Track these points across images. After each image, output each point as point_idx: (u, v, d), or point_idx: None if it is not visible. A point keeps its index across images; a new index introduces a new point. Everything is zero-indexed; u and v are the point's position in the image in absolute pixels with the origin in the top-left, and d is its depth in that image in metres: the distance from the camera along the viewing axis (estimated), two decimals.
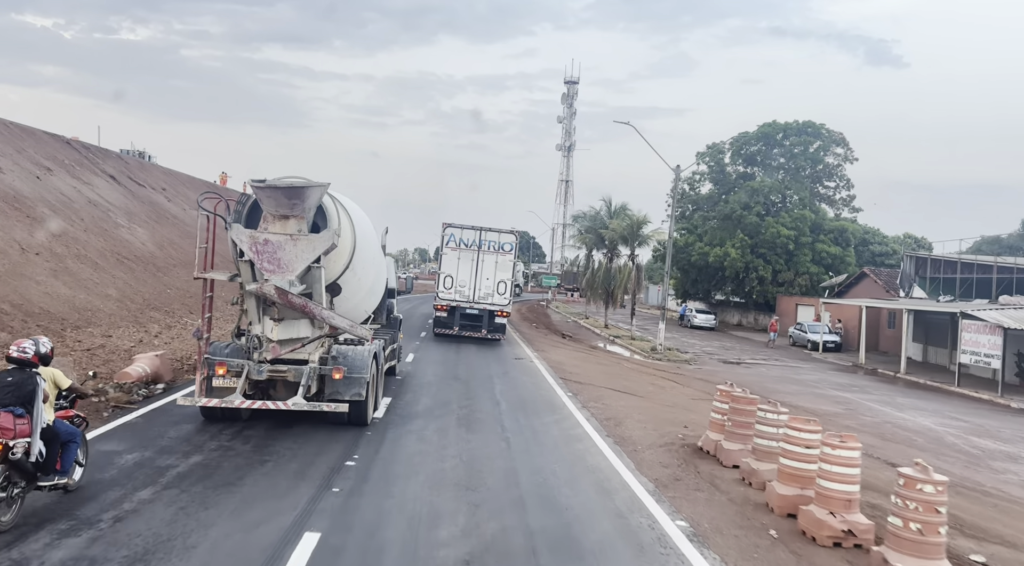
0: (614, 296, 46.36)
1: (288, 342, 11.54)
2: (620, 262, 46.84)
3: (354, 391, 11.71)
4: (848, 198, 60.28)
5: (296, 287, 11.01)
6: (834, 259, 54.24)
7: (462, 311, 28.56)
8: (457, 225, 28.44)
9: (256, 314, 11.38)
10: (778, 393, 24.03)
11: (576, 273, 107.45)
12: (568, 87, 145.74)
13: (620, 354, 34.32)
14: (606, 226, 46.88)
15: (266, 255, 10.86)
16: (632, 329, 40.25)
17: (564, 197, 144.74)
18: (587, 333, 44.64)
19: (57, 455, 7.62)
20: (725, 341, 46.38)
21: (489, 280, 28.08)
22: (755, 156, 59.15)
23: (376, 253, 14.90)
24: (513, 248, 28.28)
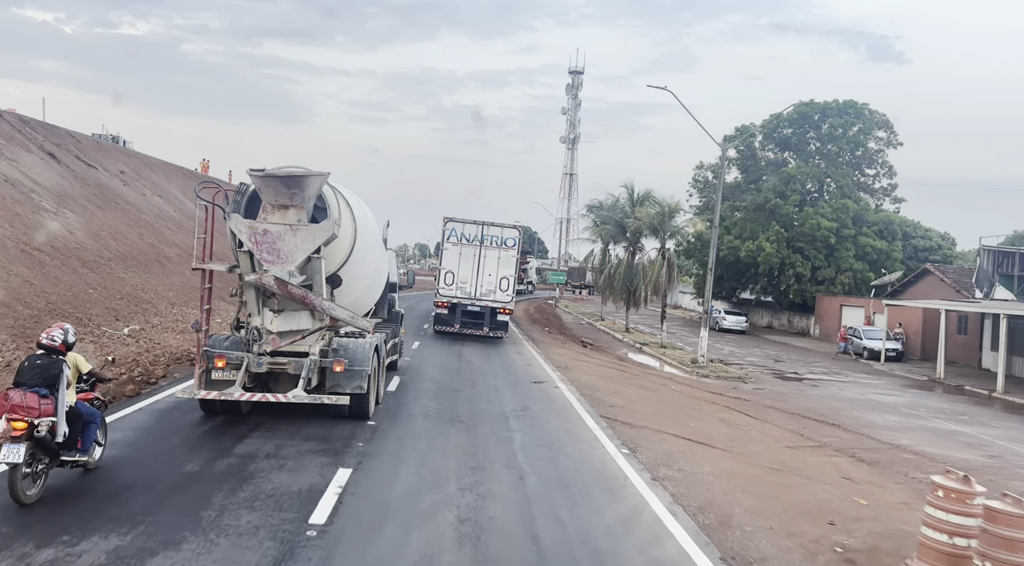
0: (636, 296, 40.23)
1: (288, 334, 11.20)
2: (645, 257, 40.76)
3: (355, 384, 11.49)
4: (889, 187, 54.20)
5: (296, 278, 10.62)
6: (879, 254, 48.11)
7: (463, 308, 27.18)
8: (458, 219, 26.92)
9: (256, 306, 11.01)
10: (877, 428, 17.98)
11: (584, 269, 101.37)
12: (572, 77, 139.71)
13: (654, 367, 28.19)
14: (628, 216, 40.76)
15: (265, 245, 10.43)
16: (661, 335, 34.19)
17: (568, 191, 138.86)
18: (607, 338, 38.53)
19: (79, 435, 7.94)
20: (765, 348, 40.25)
21: (491, 276, 26.78)
22: (789, 140, 52.96)
23: (377, 245, 14.30)
24: (516, 243, 26.93)
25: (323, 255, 10.83)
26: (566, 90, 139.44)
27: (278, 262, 10.47)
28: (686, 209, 47.75)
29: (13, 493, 7.19)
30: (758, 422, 17.10)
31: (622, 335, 39.01)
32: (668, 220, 33.36)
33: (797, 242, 47.78)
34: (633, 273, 40.04)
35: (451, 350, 24.47)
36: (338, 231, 10.79)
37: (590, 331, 42.18)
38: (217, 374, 10.93)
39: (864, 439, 16.34)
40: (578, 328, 43.11)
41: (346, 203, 11.62)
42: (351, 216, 11.65)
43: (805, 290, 47.83)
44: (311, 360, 11.08)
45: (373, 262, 13.72)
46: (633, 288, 40.03)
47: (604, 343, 35.59)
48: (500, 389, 16.96)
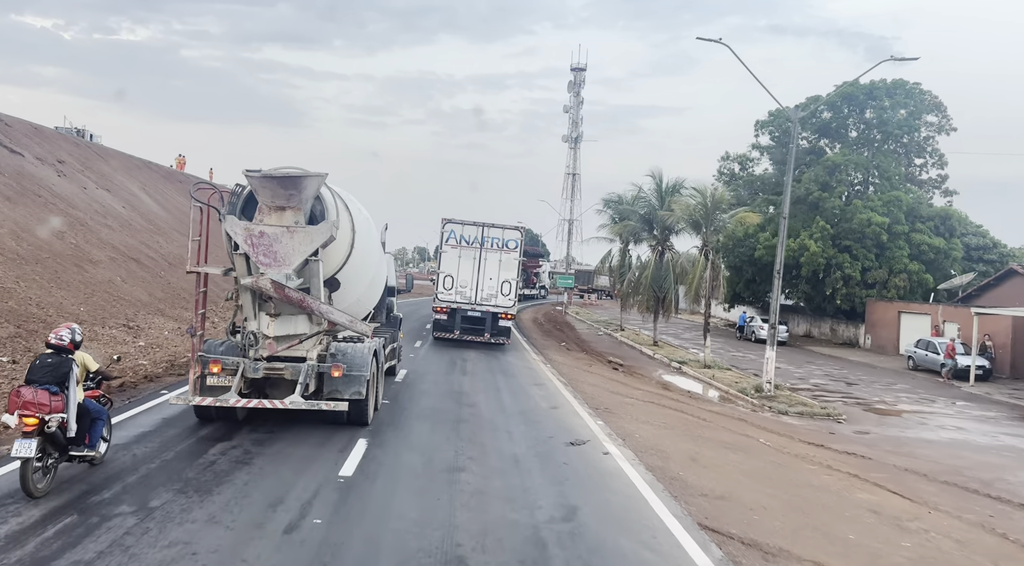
0: (666, 303, 34.00)
1: (285, 339, 10.75)
2: (676, 257, 34.50)
3: (354, 389, 11.10)
4: (939, 178, 47.87)
5: (293, 281, 10.32)
6: (937, 253, 41.80)
7: (463, 313, 25.51)
8: (457, 221, 25.53)
9: (252, 310, 10.60)
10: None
11: (591, 273, 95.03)
12: (575, 74, 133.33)
13: (709, 399, 21.92)
14: (655, 209, 34.50)
15: (262, 248, 10.00)
16: (705, 351, 27.90)
17: (571, 191, 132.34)
18: (634, 355, 32.25)
19: (86, 431, 8.15)
20: (819, 363, 33.89)
21: (492, 280, 25.25)
22: (827, 126, 46.64)
23: (376, 248, 13.92)
24: (519, 245, 25.46)
25: (321, 258, 10.44)
26: (568, 87, 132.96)
27: (275, 265, 10.09)
28: None
29: (25, 486, 7.38)
30: (923, 509, 10.82)
31: (651, 350, 32.72)
32: (713, 212, 27.11)
33: (844, 240, 41.49)
34: (662, 276, 33.84)
35: (448, 379, 18.23)
36: (336, 233, 10.36)
37: (611, 344, 35.89)
38: (212, 380, 10.52)
39: None
40: (597, 341, 36.83)
41: (344, 205, 11.20)
42: (349, 218, 11.23)
43: (854, 294, 41.50)
44: (309, 365, 10.76)
45: (372, 265, 13.24)
46: (663, 294, 33.82)
47: (633, 360, 29.32)
48: (521, 463, 10.61)
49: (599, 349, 32.15)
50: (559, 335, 36.35)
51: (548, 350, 28.30)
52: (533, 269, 71.96)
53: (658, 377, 25.20)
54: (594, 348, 32.14)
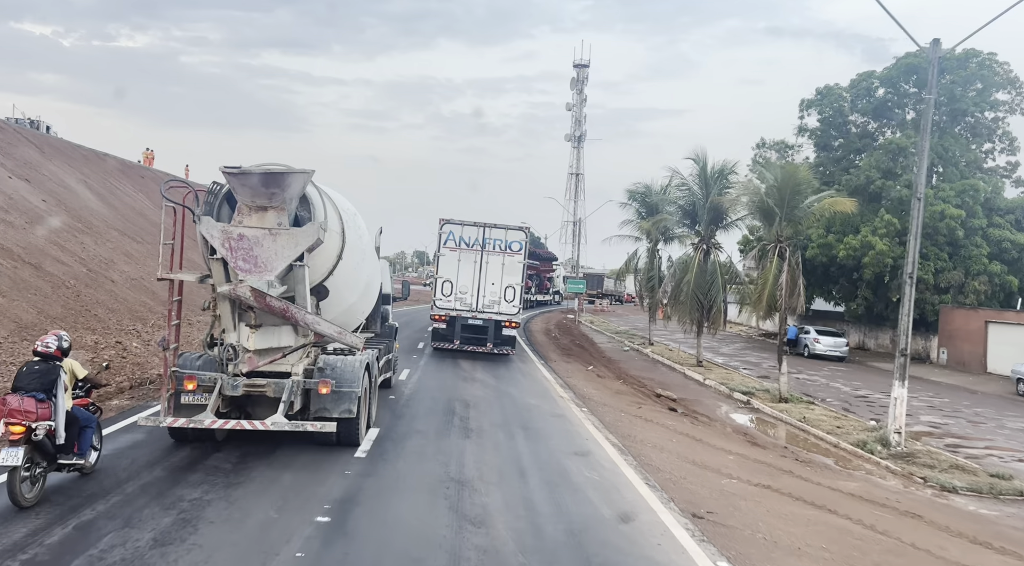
0: (713, 312, 27.30)
1: (267, 352, 9.73)
2: (723, 256, 27.90)
3: (343, 407, 9.96)
4: (1010, 166, 41.14)
5: (276, 289, 9.23)
6: (1021, 252, 35.20)
7: (463, 322, 23.07)
8: (457, 221, 23.35)
9: (231, 320, 9.51)
10: None
11: (602, 277, 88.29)
12: (577, 71, 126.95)
13: (811, 455, 15.16)
14: (699, 198, 27.79)
15: (241, 252, 9.10)
16: (780, 380, 20.92)
17: (575, 192, 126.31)
18: (676, 379, 25.53)
19: (75, 439, 7.89)
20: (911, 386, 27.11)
21: (495, 285, 22.90)
22: (883, 105, 39.90)
23: (369, 253, 12.61)
24: (523, 247, 23.28)
25: (307, 263, 9.43)
26: (571, 84, 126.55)
27: (255, 271, 9.16)
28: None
29: (12, 495, 7.21)
30: None
31: (698, 374, 25.97)
32: (792, 196, 20.23)
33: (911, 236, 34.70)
34: (708, 281, 27.15)
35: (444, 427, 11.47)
36: (323, 236, 9.36)
37: (644, 365, 29.14)
38: (187, 398, 9.51)
39: None
40: (625, 360, 30.07)
41: (333, 206, 10.16)
42: (339, 220, 10.21)
43: (924, 300, 34.76)
44: (293, 381, 9.70)
45: (364, 271, 11.99)
46: (709, 302, 27.12)
47: (681, 389, 22.60)
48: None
49: (633, 372, 25.43)
50: (581, 354, 29.63)
51: (574, 377, 21.59)
52: (546, 274, 65.32)
53: (728, 419, 18.45)
54: (628, 371, 25.41)
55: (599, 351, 31.88)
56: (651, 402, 18.87)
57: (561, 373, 22.39)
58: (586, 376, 22.54)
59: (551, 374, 21.84)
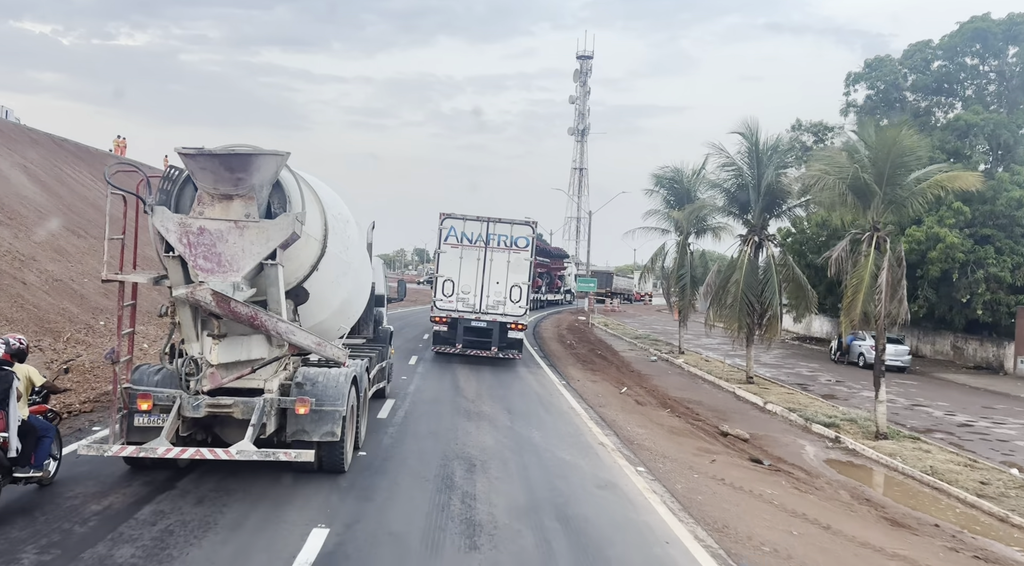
0: (769, 320, 22.30)
1: (234, 366, 8.25)
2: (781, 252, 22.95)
3: (325, 429, 8.50)
4: None
5: (243, 292, 7.81)
6: None
7: (466, 324, 21.09)
8: (458, 216, 21.43)
9: (192, 329, 8.04)
10: None
11: (611, 274, 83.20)
12: (581, 63, 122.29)
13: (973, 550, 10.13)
14: (748, 180, 22.73)
15: (201, 249, 7.76)
16: (878, 408, 15.53)
17: (579, 187, 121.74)
18: (725, 400, 20.56)
19: (32, 450, 7.36)
20: (984, 400, 22.06)
21: (500, 284, 21.07)
22: (942, 80, 34.81)
23: (358, 249, 10.76)
24: (530, 243, 21.46)
25: (280, 261, 7.94)
26: (574, 77, 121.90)
27: (218, 271, 7.77)
28: None
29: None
30: None
31: (754, 395, 20.94)
32: (895, 170, 15.09)
33: (982, 228, 29.74)
34: (761, 280, 22.17)
35: (434, 525, 6.52)
36: (301, 230, 7.91)
37: (682, 381, 24.14)
38: (141, 419, 8.17)
39: None
40: (657, 374, 25.04)
41: (313, 194, 8.60)
42: (320, 211, 8.64)
43: (999, 301, 29.75)
44: (266, 400, 8.18)
45: (352, 271, 10.14)
46: (763, 306, 22.13)
47: (739, 417, 17.64)
48: None
49: (675, 392, 20.41)
50: (605, 367, 24.60)
51: (608, 406, 16.57)
52: (557, 272, 60.33)
53: (830, 472, 13.41)
54: (668, 393, 20.36)
55: (624, 362, 26.86)
56: (720, 447, 13.81)
57: (590, 398, 17.40)
58: (622, 403, 17.51)
59: (578, 401, 16.83)
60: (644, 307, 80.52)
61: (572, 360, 25.58)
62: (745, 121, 22.81)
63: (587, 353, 28.22)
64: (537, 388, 18.36)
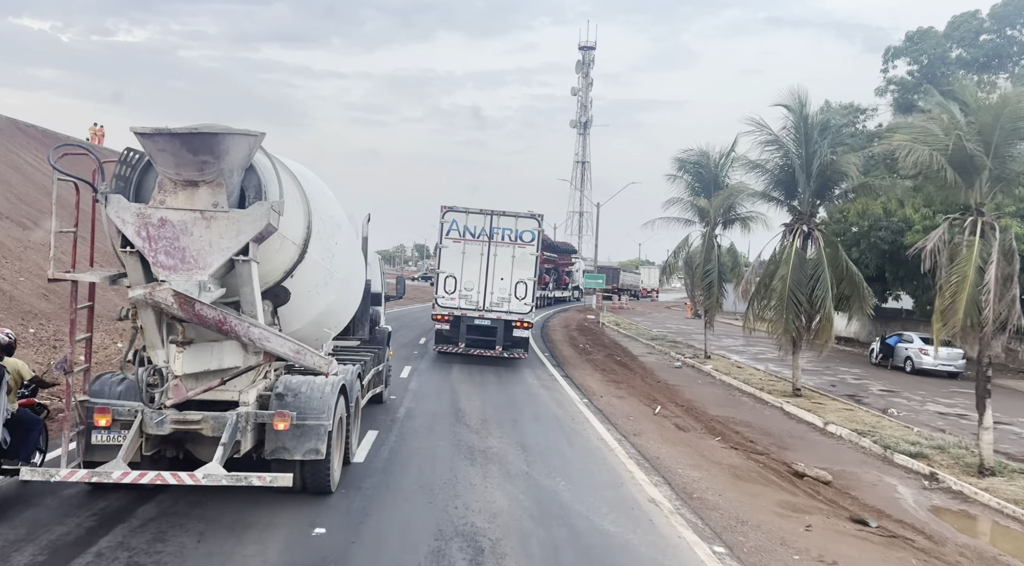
0: (820, 321, 19.06)
1: (204, 376, 7.26)
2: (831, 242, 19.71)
3: (308, 447, 7.56)
4: None
5: (210, 292, 6.80)
6: None
7: (469, 322, 20.18)
8: (460, 209, 20.52)
9: (157, 334, 7.04)
10: None
11: (618, 270, 79.81)
12: (583, 54, 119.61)
13: None
14: (797, 158, 19.39)
15: (163, 243, 6.78)
16: (984, 439, 12.21)
17: (581, 181, 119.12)
18: (776, 419, 17.26)
19: (21, 442, 7.38)
20: None
21: (504, 280, 20.18)
22: (991, 56, 31.43)
23: (349, 243, 9.98)
24: (535, 237, 20.44)
25: (254, 257, 6.90)
26: (576, 68, 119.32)
27: (182, 268, 6.78)
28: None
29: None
30: None
31: (804, 410, 17.66)
32: (1007, 139, 11.94)
33: None
34: (811, 275, 18.89)
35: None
36: (277, 221, 6.85)
37: (714, 391, 20.85)
38: (100, 436, 7.32)
39: None
40: (688, 384, 21.73)
41: (293, 180, 7.55)
42: (302, 199, 7.66)
43: None
44: (240, 415, 7.22)
45: (341, 267, 9.18)
46: (814, 307, 18.87)
47: (794, 439, 14.38)
48: None
49: (715, 410, 17.11)
50: (627, 377, 21.29)
51: (645, 433, 13.28)
52: (565, 267, 57.10)
53: (954, 537, 10.12)
54: (707, 410, 17.04)
55: (646, 370, 23.56)
56: (804, 497, 10.48)
57: (620, 422, 14.12)
58: (660, 428, 14.20)
59: (606, 427, 13.55)
60: (652, 304, 77.29)
61: (589, 368, 22.30)
62: (792, 90, 19.47)
63: (604, 359, 24.93)
64: (554, 408, 15.09)
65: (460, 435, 11.86)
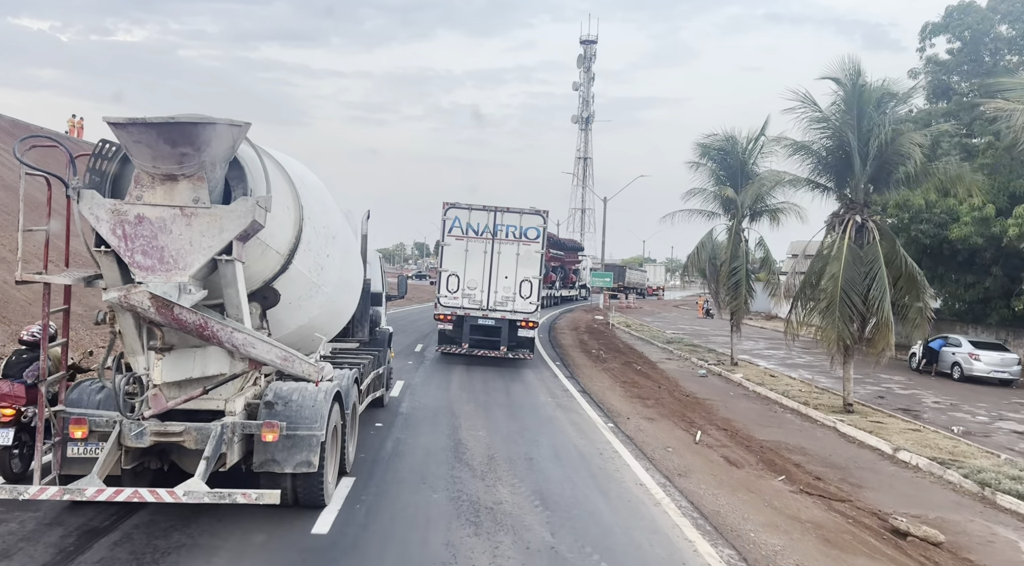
0: (877, 327, 16.42)
1: (186, 385, 6.85)
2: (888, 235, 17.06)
3: (300, 459, 7.06)
4: None
5: (191, 294, 6.30)
6: None
7: (472, 322, 19.67)
8: (463, 205, 19.95)
9: (137, 339, 6.67)
10: None
11: (624, 268, 77.14)
12: (585, 48, 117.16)
13: None
14: (844, 139, 16.68)
15: (140, 242, 6.30)
16: None
17: (583, 177, 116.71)
18: (828, 440, 14.54)
19: None
20: None
21: (508, 279, 19.63)
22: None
23: (346, 240, 9.59)
24: (540, 234, 19.84)
25: (240, 256, 6.43)
26: (578, 62, 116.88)
27: (161, 268, 6.29)
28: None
29: (2, 470, 7.37)
30: None
31: (861, 431, 14.94)
32: None
33: None
34: (867, 273, 16.28)
35: None
36: (263, 217, 6.36)
37: (751, 405, 18.15)
38: (76, 449, 6.85)
39: None
40: (719, 397, 19.00)
41: (281, 173, 7.09)
42: (291, 194, 7.18)
43: None
44: (225, 426, 6.72)
45: (335, 266, 8.60)
46: (871, 310, 16.24)
47: (863, 470, 11.69)
48: None
49: (762, 434, 14.42)
50: (650, 389, 18.57)
51: (693, 473, 10.57)
52: (572, 265, 54.47)
53: None
54: (752, 434, 14.34)
55: (669, 380, 20.83)
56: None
57: (659, 457, 11.43)
58: (707, 462, 11.49)
59: (644, 465, 10.85)
60: (659, 303, 74.61)
61: (607, 380, 19.61)
62: (844, 61, 16.85)
63: (621, 368, 22.23)
64: (575, 437, 12.38)
65: (461, 482, 9.17)
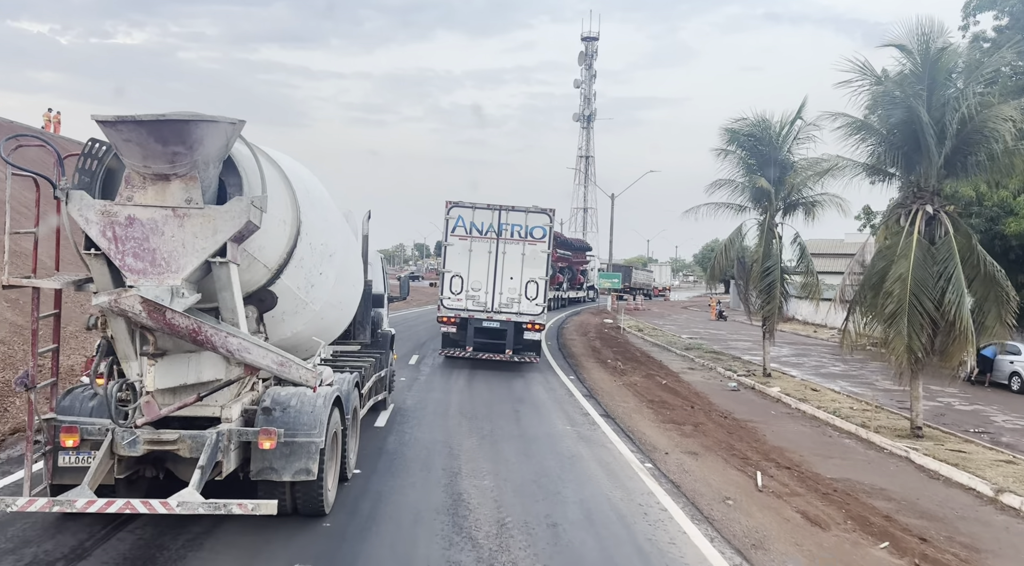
0: (947, 338, 13.72)
1: (180, 391, 6.53)
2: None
3: (298, 466, 6.82)
4: None
5: (184, 298, 6.03)
6: None
7: (477, 325, 19.30)
8: (467, 204, 19.48)
9: (130, 344, 6.39)
10: None
11: (631, 268, 74.49)
12: (586, 45, 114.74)
13: None
14: (914, 116, 13.98)
15: (131, 244, 6.05)
16: None
17: (585, 176, 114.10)
18: (907, 479, 11.84)
19: None
20: None
21: (514, 280, 19.26)
22: None
23: (345, 241, 9.28)
24: (547, 234, 19.40)
25: (234, 258, 6.15)
26: (579, 59, 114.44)
27: (152, 271, 6.04)
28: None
29: None
30: None
31: (934, 457, 12.25)
32: None
33: None
34: (940, 273, 13.63)
35: None
36: (259, 218, 6.12)
37: (801, 429, 15.46)
38: (68, 458, 6.65)
39: None
40: (761, 417, 16.31)
41: (277, 172, 6.85)
42: (288, 193, 6.93)
43: None
44: (220, 434, 6.43)
45: (334, 268, 8.32)
46: (947, 317, 13.59)
47: (948, 516, 9.02)
48: None
49: (830, 473, 11.77)
50: (685, 411, 15.88)
51: (776, 548, 7.95)
52: (579, 266, 51.90)
53: None
54: (821, 473, 11.68)
55: (699, 396, 18.15)
56: None
57: (719, 518, 8.78)
58: (782, 521, 8.81)
59: (703, 532, 8.19)
60: (667, 304, 71.94)
61: (631, 399, 16.92)
62: (912, 26, 14.15)
63: (644, 381, 19.56)
64: (609, 488, 9.68)
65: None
